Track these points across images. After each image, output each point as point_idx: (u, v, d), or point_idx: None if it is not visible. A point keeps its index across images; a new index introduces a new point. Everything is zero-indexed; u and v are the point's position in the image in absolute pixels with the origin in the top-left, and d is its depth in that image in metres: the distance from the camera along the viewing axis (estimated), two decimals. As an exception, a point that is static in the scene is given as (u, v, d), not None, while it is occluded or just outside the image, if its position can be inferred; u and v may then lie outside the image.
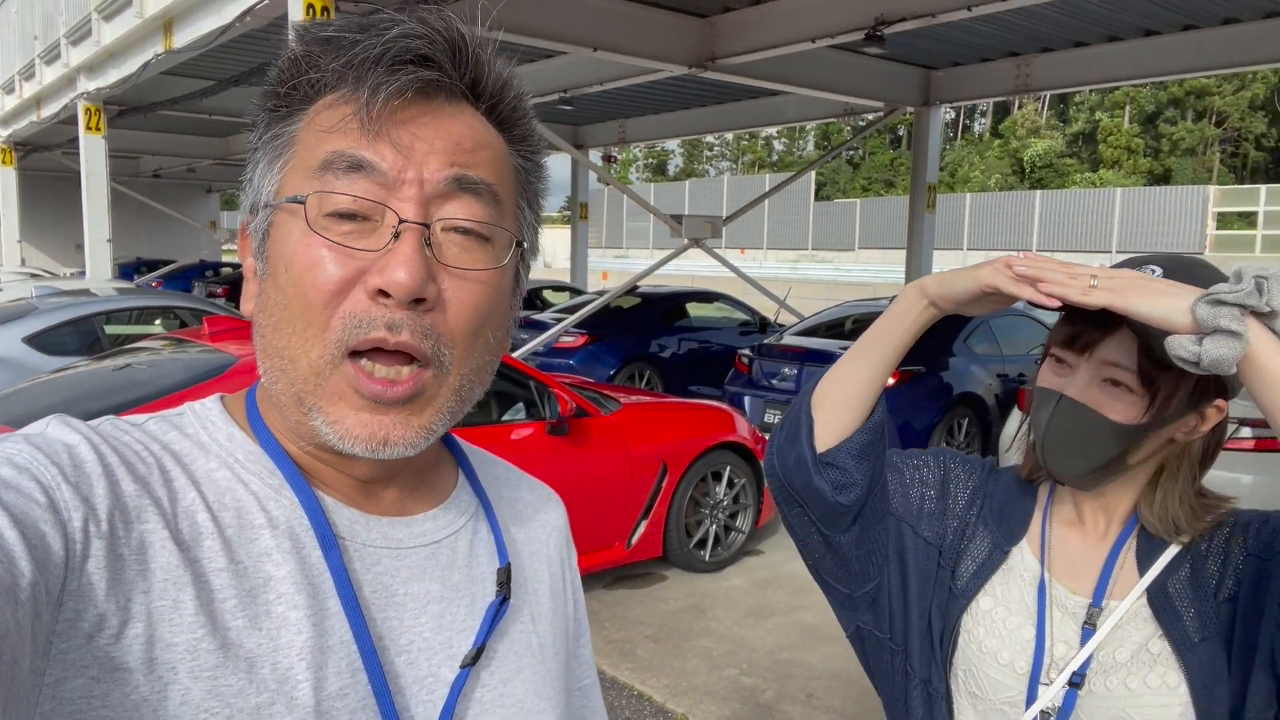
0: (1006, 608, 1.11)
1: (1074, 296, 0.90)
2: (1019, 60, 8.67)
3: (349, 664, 0.64)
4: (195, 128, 14.07)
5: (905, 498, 1.18)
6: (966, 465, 1.22)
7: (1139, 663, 1.04)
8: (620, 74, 8.53)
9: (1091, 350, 1.02)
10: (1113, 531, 1.11)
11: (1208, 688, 1.01)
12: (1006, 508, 1.16)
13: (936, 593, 1.14)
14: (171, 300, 8.42)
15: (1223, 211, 29.94)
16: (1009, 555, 1.14)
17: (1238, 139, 42.33)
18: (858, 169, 51.24)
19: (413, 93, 0.63)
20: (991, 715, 1.10)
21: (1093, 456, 1.04)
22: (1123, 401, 1.01)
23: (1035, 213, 32.82)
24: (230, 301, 14.43)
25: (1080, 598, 1.09)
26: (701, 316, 10.61)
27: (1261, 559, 1.01)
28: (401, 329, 0.62)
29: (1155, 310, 0.88)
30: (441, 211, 0.64)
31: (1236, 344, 0.84)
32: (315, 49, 0.64)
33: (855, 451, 1.08)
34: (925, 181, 9.82)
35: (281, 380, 0.64)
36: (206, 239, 21.55)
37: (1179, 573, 1.05)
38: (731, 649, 4.31)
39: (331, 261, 0.62)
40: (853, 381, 1.09)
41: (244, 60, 9.10)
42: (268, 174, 0.66)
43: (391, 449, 0.64)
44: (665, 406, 5.47)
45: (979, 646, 1.11)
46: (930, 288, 1.04)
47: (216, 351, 4.19)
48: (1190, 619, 1.03)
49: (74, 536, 0.55)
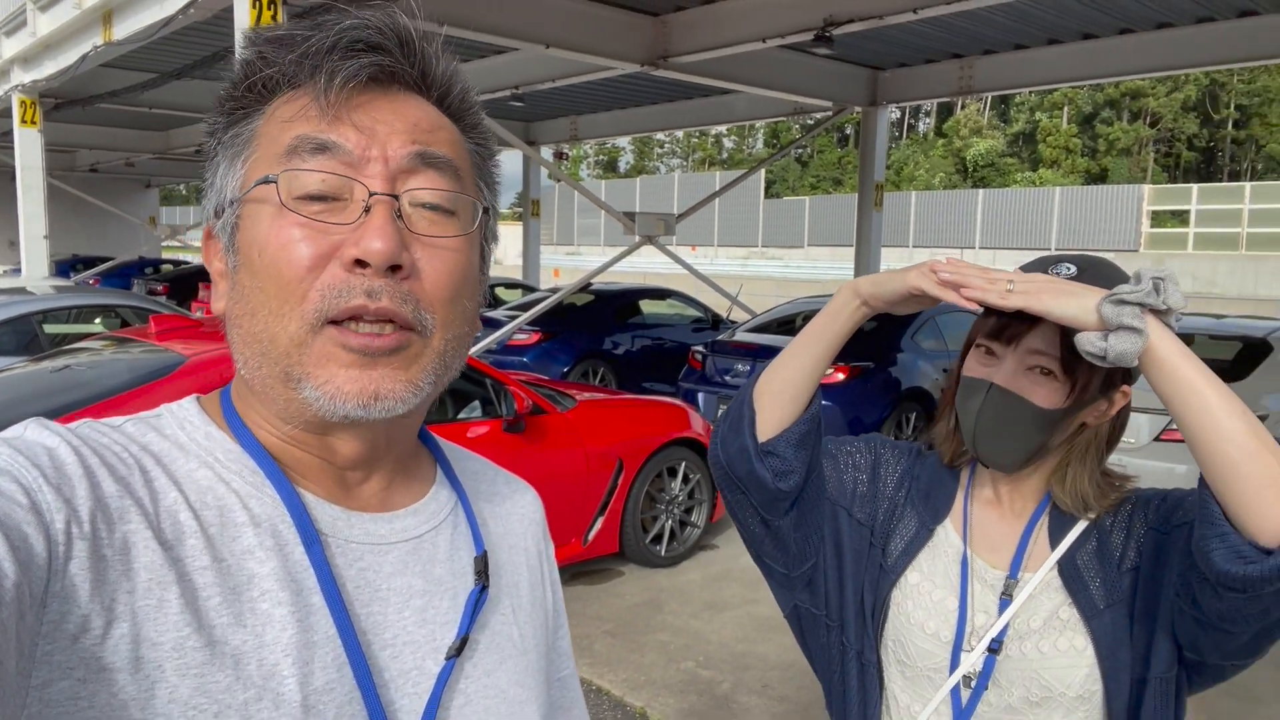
0: (932, 581, 1.20)
1: (993, 300, 1.00)
2: (962, 62, 8.85)
3: (334, 659, 0.64)
4: (135, 121, 13.69)
5: (840, 482, 1.26)
6: (895, 450, 1.30)
7: (1050, 629, 1.13)
8: (572, 71, 8.52)
9: (1018, 341, 1.11)
10: (1027, 509, 1.20)
11: (1111, 650, 1.10)
12: (932, 489, 1.25)
13: (868, 570, 1.22)
14: (112, 299, 8.20)
15: (1157, 210, 30.85)
16: (934, 533, 1.22)
17: (1171, 139, 43.64)
18: (806, 167, 51.74)
19: (367, 79, 0.66)
20: (919, 682, 1.18)
21: (1021, 441, 1.13)
22: (1046, 388, 1.10)
23: (978, 211, 33.48)
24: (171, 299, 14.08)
25: (998, 571, 1.18)
26: (655, 313, 10.65)
27: (1160, 533, 1.12)
28: (381, 295, 0.64)
29: (1066, 311, 0.98)
30: (407, 185, 0.66)
31: (1138, 339, 0.94)
32: (267, 49, 0.67)
33: (794, 441, 1.16)
34: (873, 180, 9.98)
35: (264, 363, 0.65)
36: (146, 235, 20.99)
37: (1086, 546, 1.15)
38: (688, 642, 4.36)
39: (305, 239, 0.63)
40: (791, 375, 1.16)
41: (187, 53, 8.89)
42: (230, 173, 0.68)
43: (382, 403, 0.65)
44: (621, 403, 5.50)
45: (907, 618, 1.19)
46: (863, 288, 1.12)
47: (164, 351, 4.10)
48: (1096, 588, 1.13)
49: (56, 538, 0.55)
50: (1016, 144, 46.14)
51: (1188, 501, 1.11)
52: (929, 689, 1.17)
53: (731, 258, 36.61)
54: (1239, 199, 29.09)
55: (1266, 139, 41.13)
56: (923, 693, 1.18)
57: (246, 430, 0.69)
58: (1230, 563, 0.92)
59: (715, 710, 3.74)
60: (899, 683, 1.20)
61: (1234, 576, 0.92)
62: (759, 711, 3.74)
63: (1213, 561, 0.94)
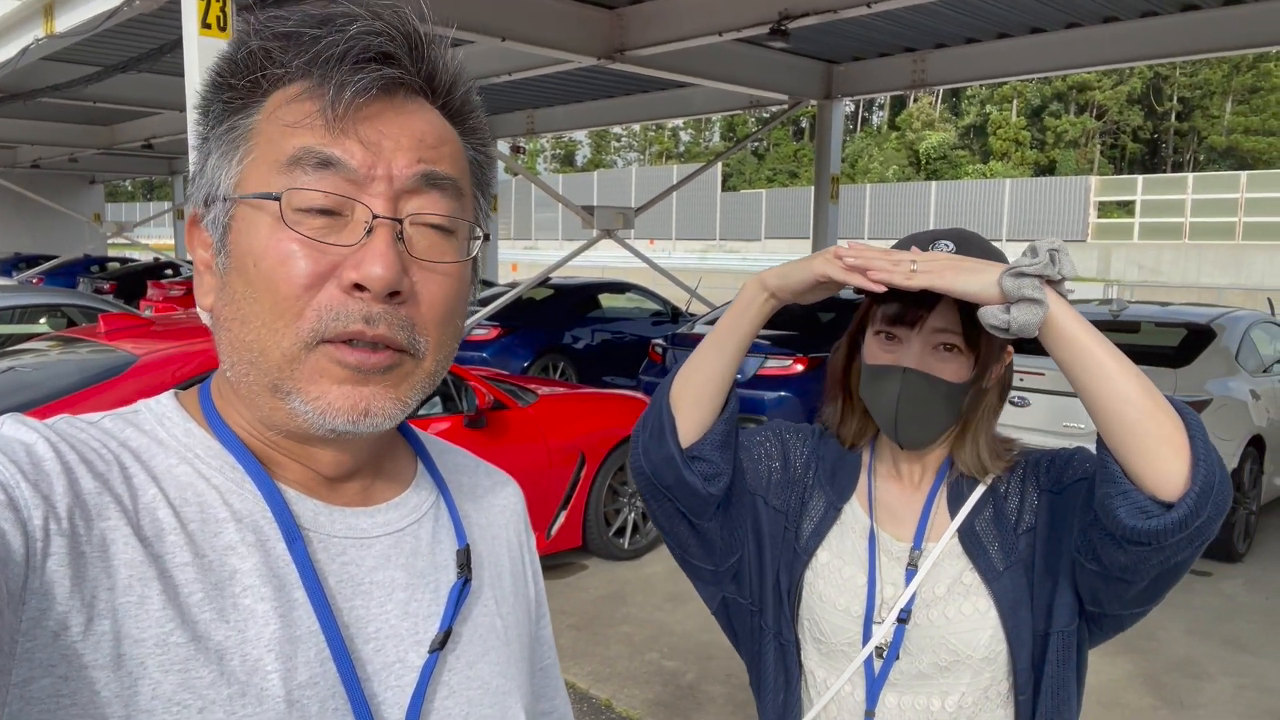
0: (842, 559, 1.23)
1: (899, 280, 1.03)
2: (915, 56, 8.96)
3: (317, 653, 0.64)
4: (78, 116, 13.32)
5: (755, 473, 1.28)
6: (800, 434, 1.33)
7: (954, 594, 1.17)
8: (529, 64, 8.47)
9: (921, 323, 1.14)
10: (926, 481, 1.24)
11: (1013, 609, 1.15)
12: (836, 469, 1.28)
13: (783, 553, 1.25)
14: (58, 298, 8.00)
15: (1103, 201, 31.51)
16: (842, 512, 1.26)
17: (1117, 131, 44.59)
18: (763, 160, 52.02)
19: (376, 90, 0.64)
20: (834, 656, 1.22)
21: (939, 418, 1.17)
22: (954, 364, 1.15)
23: (931, 203, 33.93)
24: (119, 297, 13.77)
25: (903, 543, 1.22)
26: (614, 307, 10.65)
27: (1053, 493, 1.17)
28: (379, 322, 0.63)
29: (970, 286, 1.01)
30: (410, 206, 0.66)
31: (1038, 309, 0.98)
32: (273, 44, 0.65)
33: (718, 442, 1.17)
34: (829, 173, 10.06)
35: (252, 372, 0.65)
36: (91, 232, 20.44)
37: (984, 512, 1.20)
38: (653, 634, 4.38)
39: (304, 256, 0.63)
40: (707, 376, 1.16)
41: (132, 46, 8.68)
42: (224, 166, 0.66)
43: (371, 420, 0.65)
44: (582, 397, 5.50)
45: (819, 596, 1.22)
46: (769, 280, 1.15)
47: (114, 350, 4.01)
48: (995, 551, 1.17)
49: (34, 534, 0.55)
50: (968, 137, 46.84)
51: (1076, 459, 1.17)
52: (844, 663, 1.20)
53: (690, 251, 36.69)
54: (1182, 189, 29.83)
55: (1208, 131, 42.23)
56: (838, 666, 1.21)
57: (226, 427, 0.69)
58: (1134, 518, 0.96)
59: (680, 700, 3.77)
60: (815, 659, 1.23)
61: (1139, 531, 0.96)
62: (723, 700, 3.77)
63: (1118, 518, 0.97)
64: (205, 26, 4.90)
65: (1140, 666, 4.14)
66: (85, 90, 10.07)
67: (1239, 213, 28.16)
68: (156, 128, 13.22)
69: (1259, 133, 39.81)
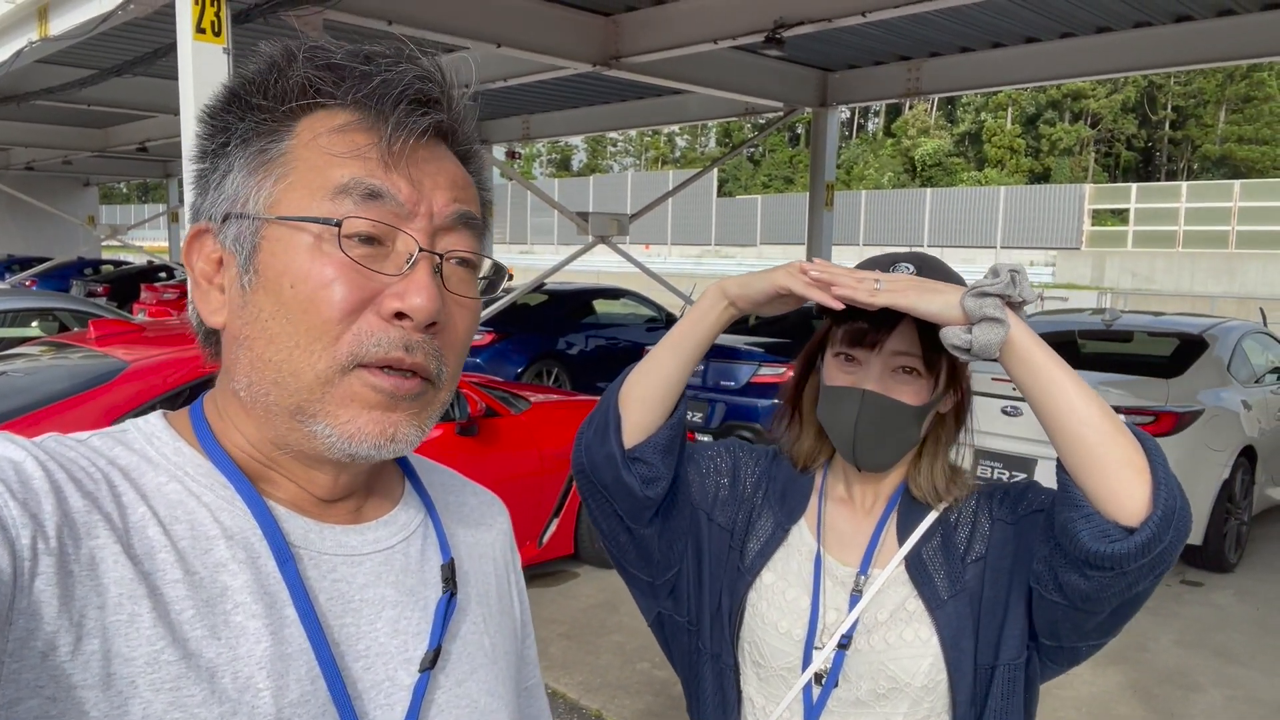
0: (786, 580, 1.21)
1: (862, 298, 1.02)
2: (910, 64, 8.98)
3: (308, 671, 0.65)
4: (72, 118, 13.27)
5: (701, 487, 1.27)
6: (754, 454, 1.32)
7: (897, 620, 1.15)
8: (524, 70, 8.47)
9: (880, 345, 1.14)
10: (878, 508, 1.23)
11: (955, 640, 1.13)
12: (787, 489, 1.27)
13: (726, 573, 1.24)
14: (51, 301, 7.98)
15: (1098, 208, 31.62)
16: (789, 533, 1.24)
17: (1111, 139, 44.76)
18: (758, 166, 52.11)
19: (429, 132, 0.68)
20: (772, 681, 1.20)
21: (898, 441, 1.16)
22: (912, 386, 1.14)
23: (926, 210, 34.01)
24: (112, 300, 13.73)
25: (849, 568, 1.20)
26: (609, 313, 10.65)
27: (1007, 523, 1.16)
28: (417, 350, 0.66)
29: (932, 307, 1.01)
30: (444, 242, 0.69)
31: (1000, 329, 0.98)
32: (321, 75, 0.67)
33: (661, 447, 1.16)
34: (824, 180, 10.07)
35: (275, 391, 0.66)
36: (85, 235, 20.38)
37: (932, 541, 1.18)
38: (644, 643, 4.37)
39: (346, 281, 0.64)
40: (659, 380, 1.16)
41: (127, 49, 8.66)
42: (251, 184, 0.67)
43: (396, 446, 0.67)
44: (575, 404, 5.49)
45: (761, 618, 1.20)
46: (730, 289, 1.14)
47: (104, 357, 4.00)
48: (940, 580, 1.16)
49: (22, 554, 0.54)
50: (963, 144, 46.96)
51: (1032, 491, 1.17)
52: (782, 688, 1.18)
53: (685, 256, 36.73)
54: (1176, 198, 29.94)
55: (1201, 139, 42.40)
56: (776, 692, 1.19)
57: (217, 445, 0.69)
58: (1097, 542, 0.95)
59: (671, 711, 3.76)
60: (754, 684, 1.21)
61: (1102, 555, 0.95)
62: (715, 710, 3.76)
63: (1080, 542, 0.96)
64: (200, 32, 4.89)
65: (1131, 677, 4.14)
66: (80, 93, 10.04)
67: (1232, 221, 28.27)
68: (151, 131, 13.19)
69: (1252, 142, 39.99)
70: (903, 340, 1.13)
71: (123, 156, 16.55)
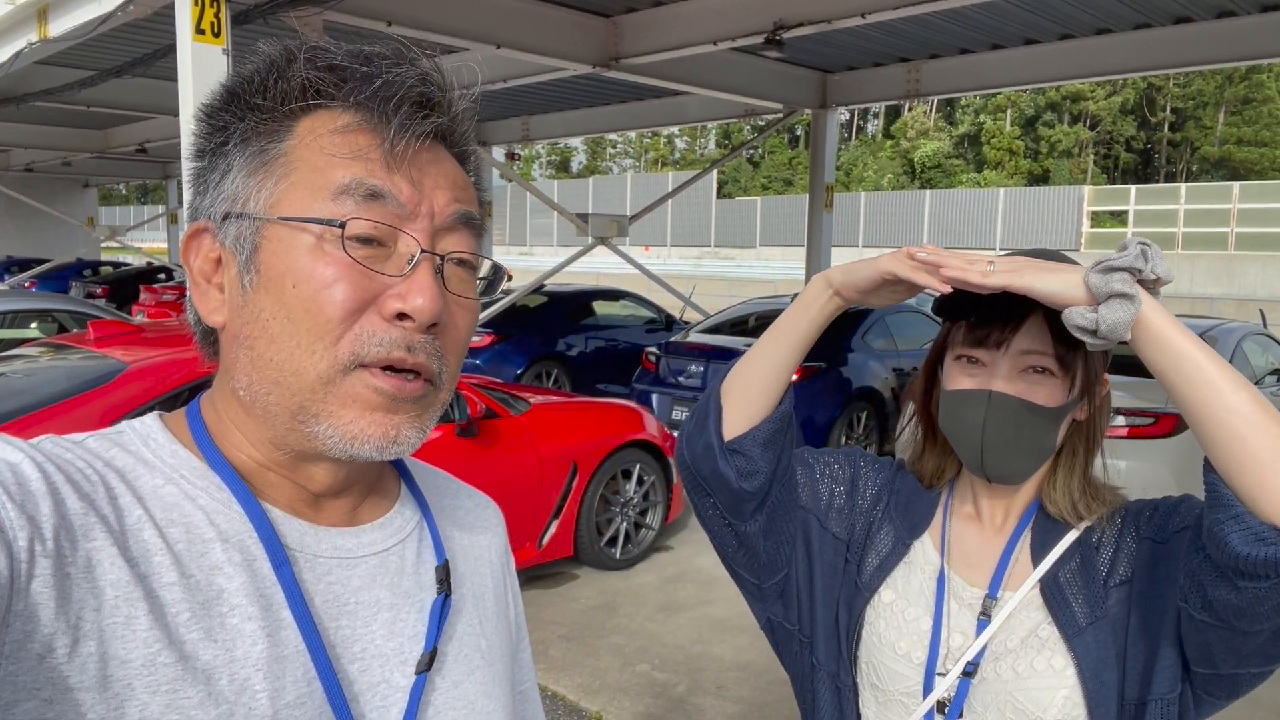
0: (907, 599, 1.13)
1: (974, 279, 0.93)
2: (910, 66, 8.98)
3: (304, 673, 0.65)
4: (72, 120, 13.28)
5: (814, 492, 1.20)
6: (876, 465, 1.24)
7: (1028, 647, 1.06)
8: (524, 71, 8.47)
9: (1006, 344, 1.05)
10: (1009, 525, 1.14)
11: (1095, 672, 1.02)
12: (911, 502, 1.19)
13: (843, 587, 1.16)
14: (50, 303, 7.97)
15: (1096, 210, 31.65)
16: (910, 549, 1.16)
17: (1110, 141, 44.80)
18: (758, 167, 52.13)
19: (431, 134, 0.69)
20: (891, 706, 1.12)
21: (1033, 447, 1.07)
22: (1046, 387, 1.05)
23: (925, 211, 34.04)
24: (111, 302, 13.71)
25: (977, 589, 1.11)
26: (608, 315, 10.64)
27: (1157, 543, 1.04)
28: (419, 351, 0.66)
29: (1051, 286, 0.91)
30: (445, 243, 0.69)
31: (1130, 307, 0.88)
32: (322, 75, 0.67)
33: (762, 440, 1.10)
34: (823, 182, 10.07)
35: (276, 391, 0.66)
36: (84, 236, 20.39)
37: (1070, 563, 1.08)
38: (643, 645, 4.36)
39: (348, 281, 0.64)
40: (761, 371, 1.11)
41: (126, 50, 8.66)
42: (251, 184, 0.67)
43: (398, 447, 0.67)
44: (575, 406, 5.49)
45: (879, 638, 1.13)
46: (834, 278, 1.06)
47: (103, 358, 3.99)
48: (1079, 605, 1.05)
49: (19, 556, 0.54)
50: (962, 146, 46.99)
51: (1184, 506, 1.05)
52: (902, 714, 1.10)
53: (684, 258, 36.73)
54: (1175, 199, 29.97)
55: (1201, 141, 42.44)
56: (896, 718, 1.11)
57: (214, 448, 0.69)
58: (1249, 546, 0.84)
59: (671, 713, 3.75)
60: (872, 708, 1.13)
61: (1254, 560, 0.84)
62: (714, 713, 3.75)
63: (1230, 546, 0.85)
64: (199, 33, 4.89)
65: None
66: (79, 94, 10.04)
67: (1231, 223, 28.31)
68: (151, 132, 13.19)
69: (1251, 144, 40.03)
70: (1032, 337, 1.03)
71: (122, 158, 16.55)
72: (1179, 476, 5.08)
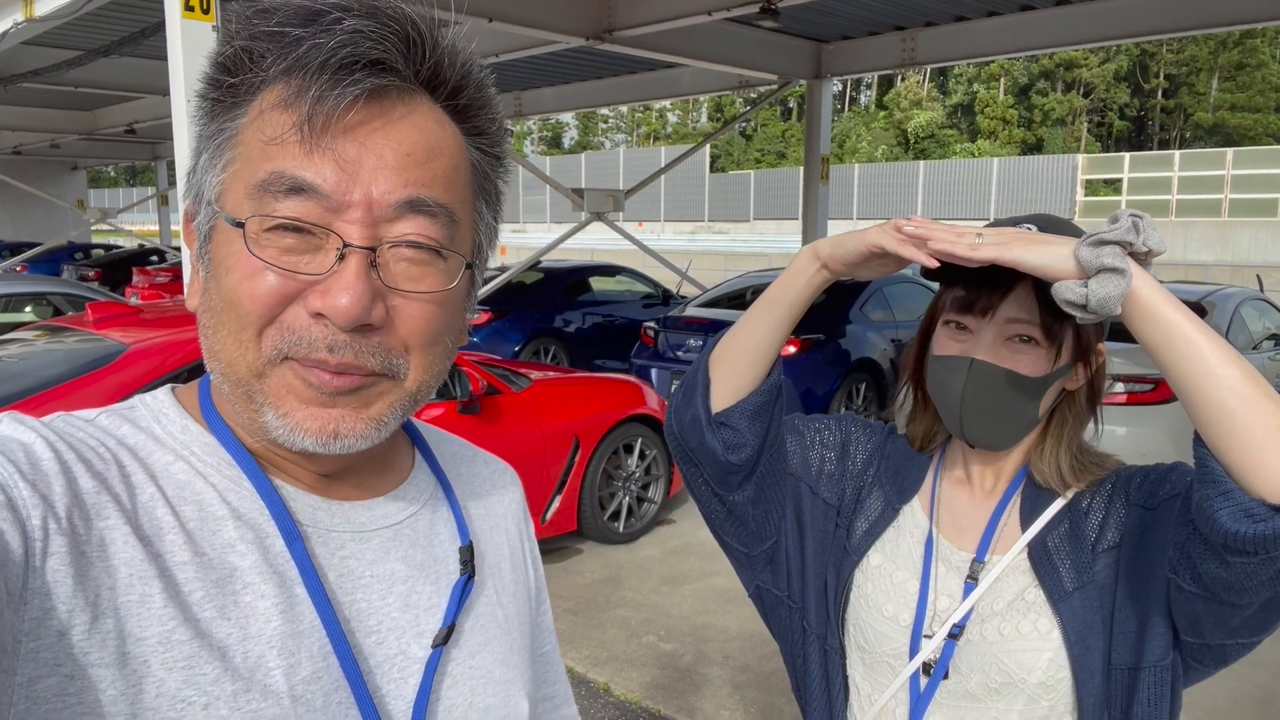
0: (895, 563, 1.14)
1: (962, 252, 0.92)
2: (904, 34, 8.91)
3: (320, 648, 0.65)
4: (60, 101, 13.14)
5: (805, 459, 1.20)
6: (867, 429, 1.25)
7: (1014, 610, 1.07)
8: (516, 45, 8.39)
9: (993, 311, 1.04)
10: (999, 490, 1.14)
11: (1081, 636, 1.03)
12: (901, 467, 1.19)
13: (832, 552, 1.17)
14: (44, 286, 7.93)
15: (1090, 178, 31.59)
16: (899, 513, 1.17)
17: (1104, 109, 44.65)
18: (751, 140, 51.86)
19: (363, 99, 0.60)
20: (878, 667, 1.13)
21: (1013, 417, 1.06)
22: (1029, 356, 1.04)
23: (919, 182, 33.93)
24: (104, 285, 13.64)
25: (965, 553, 1.12)
26: (605, 290, 10.63)
27: (1146, 509, 1.04)
28: (344, 350, 0.62)
29: (1040, 259, 0.90)
30: (391, 231, 0.62)
31: (1120, 281, 0.86)
32: (260, 44, 0.61)
33: (749, 412, 1.09)
34: (819, 153, 10.03)
35: (227, 382, 0.65)
36: (75, 219, 20.22)
37: (1059, 528, 1.09)
38: (649, 617, 4.39)
39: (271, 275, 0.61)
40: (750, 343, 1.09)
41: (113, 29, 8.55)
42: (210, 169, 0.65)
43: (342, 442, 0.64)
44: (576, 381, 5.49)
45: (867, 600, 1.14)
46: (822, 250, 1.05)
47: (102, 339, 3.98)
48: (1066, 570, 1.06)
49: (33, 534, 0.54)
50: (955, 115, 46.81)
51: (1175, 473, 1.05)
52: (888, 675, 1.12)
53: (678, 233, 36.62)
54: (1169, 166, 29.92)
55: (1194, 108, 42.31)
56: (882, 679, 1.12)
57: (223, 424, 0.68)
58: (1238, 522, 0.83)
59: (678, 683, 3.79)
60: (859, 669, 1.15)
61: (1243, 537, 0.83)
62: (720, 682, 3.79)
63: (1219, 523, 0.85)
64: (188, 9, 4.83)
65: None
66: (66, 75, 9.94)
67: (1225, 190, 28.28)
68: (139, 112, 13.06)
69: (1245, 109, 39.93)
70: (1018, 305, 1.03)
71: (110, 139, 16.38)
72: (1178, 443, 5.11)
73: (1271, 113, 39.52)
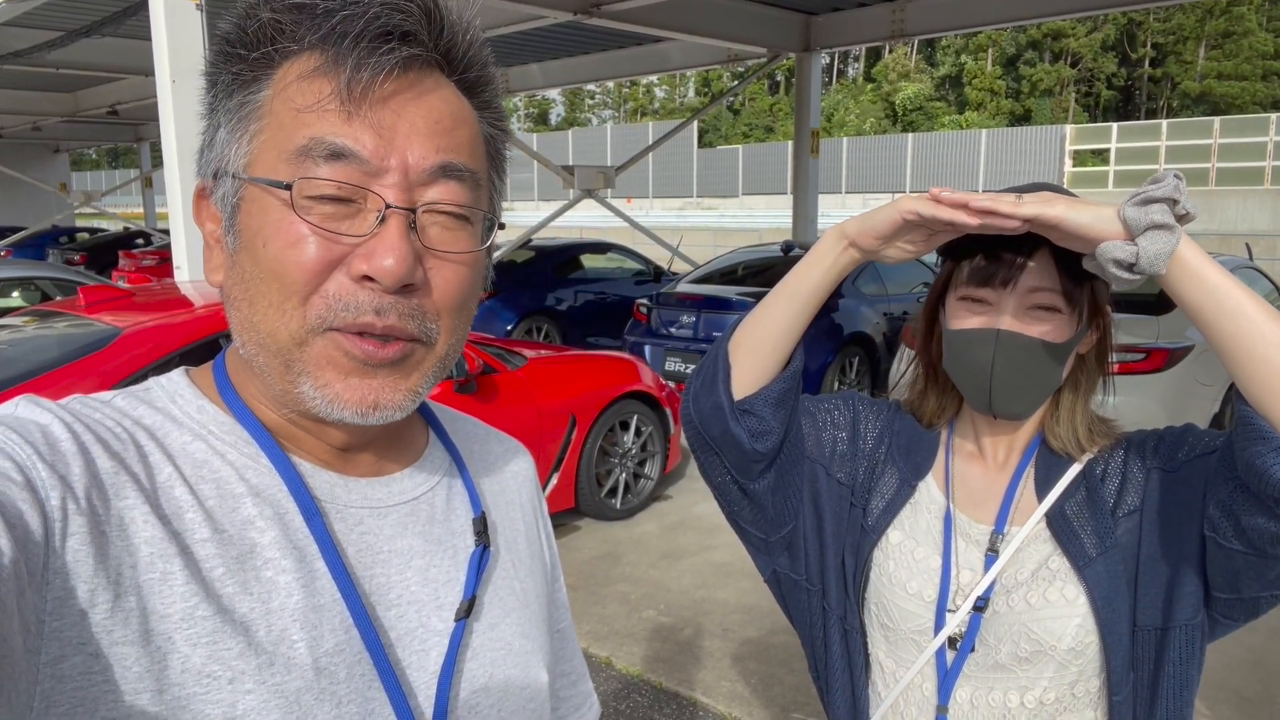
0: (914, 539, 1.14)
1: (1004, 208, 0.91)
2: (894, 5, 8.88)
3: (341, 622, 0.66)
4: (41, 83, 12.97)
5: (818, 441, 1.19)
6: (874, 407, 1.24)
7: (1039, 579, 1.07)
8: (503, 20, 8.33)
9: (1014, 283, 1.03)
10: (1012, 461, 1.14)
11: (1108, 600, 1.04)
12: (912, 444, 1.19)
13: (849, 532, 1.16)
14: (30, 270, 7.85)
15: (1078, 149, 31.58)
16: (916, 489, 1.16)
17: (1091, 79, 44.57)
18: (739, 115, 51.61)
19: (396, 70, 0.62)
20: (902, 645, 1.12)
21: (1040, 384, 1.07)
22: (1052, 323, 1.04)
23: (908, 155, 33.86)
24: (90, 268, 13.53)
25: (984, 526, 1.12)
26: (596, 268, 10.60)
27: (1166, 472, 1.05)
28: (389, 313, 0.63)
29: (1084, 218, 0.89)
30: (425, 196, 0.64)
31: (1170, 238, 0.86)
32: (285, 16, 0.63)
33: (774, 400, 1.07)
34: (808, 127, 10.01)
35: (263, 353, 0.65)
36: (58, 202, 20.04)
37: (1075, 495, 1.09)
38: (648, 591, 4.43)
39: (314, 242, 0.62)
40: (772, 328, 1.06)
41: (95, 9, 8.44)
42: (232, 142, 0.65)
43: (381, 413, 0.65)
44: (571, 359, 5.49)
45: (889, 578, 1.13)
46: (849, 228, 1.02)
47: (95, 323, 3.95)
48: (1088, 536, 1.07)
49: (52, 515, 0.55)
50: (943, 87, 46.66)
51: (1191, 435, 1.07)
52: (913, 652, 1.11)
53: (667, 209, 36.49)
54: (1156, 136, 29.92)
55: (1181, 77, 42.29)
56: (907, 656, 1.12)
57: (241, 402, 0.69)
58: None
59: (678, 656, 3.82)
60: (883, 647, 1.15)
61: None
62: (720, 654, 3.83)
63: (1272, 478, 0.86)
64: (172, -12, 4.76)
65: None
66: (47, 56, 9.80)
67: (1212, 159, 28.33)
68: (121, 93, 12.91)
69: (1231, 78, 39.91)
70: (1039, 274, 1.02)
71: (93, 121, 16.20)
72: (1170, 410, 5.16)
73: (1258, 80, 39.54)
